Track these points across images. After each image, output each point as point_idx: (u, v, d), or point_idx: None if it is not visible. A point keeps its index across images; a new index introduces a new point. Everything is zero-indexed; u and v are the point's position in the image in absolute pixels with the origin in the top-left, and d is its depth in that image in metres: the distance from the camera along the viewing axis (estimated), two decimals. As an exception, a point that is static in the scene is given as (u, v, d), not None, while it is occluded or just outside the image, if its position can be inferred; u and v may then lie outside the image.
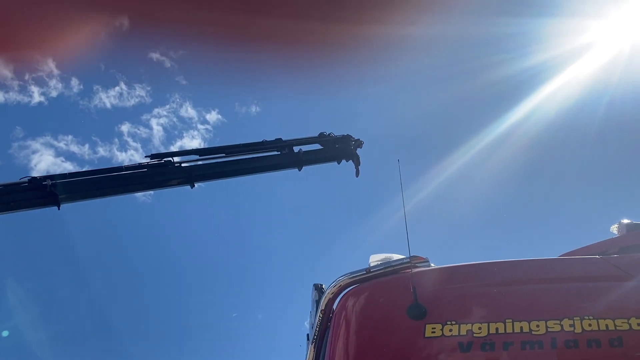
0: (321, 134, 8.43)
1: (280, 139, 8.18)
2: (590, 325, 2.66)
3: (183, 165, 7.67)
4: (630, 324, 2.64)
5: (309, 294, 3.46)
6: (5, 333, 13.71)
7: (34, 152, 15.78)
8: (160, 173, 7.51)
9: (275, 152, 8.16)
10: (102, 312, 15.90)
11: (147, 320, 16.99)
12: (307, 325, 3.43)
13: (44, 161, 15.72)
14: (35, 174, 7.07)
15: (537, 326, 2.68)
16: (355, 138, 8.45)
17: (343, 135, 8.45)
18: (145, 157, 7.64)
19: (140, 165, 7.52)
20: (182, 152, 8.08)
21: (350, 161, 8.41)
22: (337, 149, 8.40)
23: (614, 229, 3.44)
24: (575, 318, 2.68)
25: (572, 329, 2.66)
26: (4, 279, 14.50)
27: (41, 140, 15.87)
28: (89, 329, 15.73)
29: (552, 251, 3.41)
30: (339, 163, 8.38)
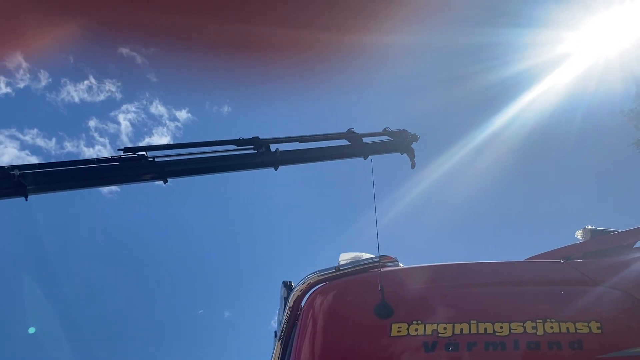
0: (349, 130, 8.55)
1: (258, 137, 8.10)
2: (552, 327, 2.71)
3: (156, 160, 7.56)
4: (590, 328, 2.70)
5: (278, 292, 3.45)
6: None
7: (-3, 144, 15.36)
8: (132, 167, 7.36)
9: (252, 150, 8.09)
10: (63, 308, 15.56)
11: (109, 317, 16.69)
12: (274, 323, 3.42)
13: (8, 154, 15.35)
14: (-3, 167, 6.82)
15: (501, 327, 2.72)
16: (412, 133, 8.83)
17: (399, 129, 8.80)
18: (118, 150, 7.51)
19: (112, 159, 7.37)
20: (156, 147, 7.94)
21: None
22: (391, 142, 8.71)
23: (579, 234, 3.51)
24: (537, 320, 2.73)
25: (534, 331, 2.71)
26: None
27: (6, 132, 15.48)
28: (51, 324, 15.37)
29: (520, 254, 3.46)
30: (365, 158, 8.47)
